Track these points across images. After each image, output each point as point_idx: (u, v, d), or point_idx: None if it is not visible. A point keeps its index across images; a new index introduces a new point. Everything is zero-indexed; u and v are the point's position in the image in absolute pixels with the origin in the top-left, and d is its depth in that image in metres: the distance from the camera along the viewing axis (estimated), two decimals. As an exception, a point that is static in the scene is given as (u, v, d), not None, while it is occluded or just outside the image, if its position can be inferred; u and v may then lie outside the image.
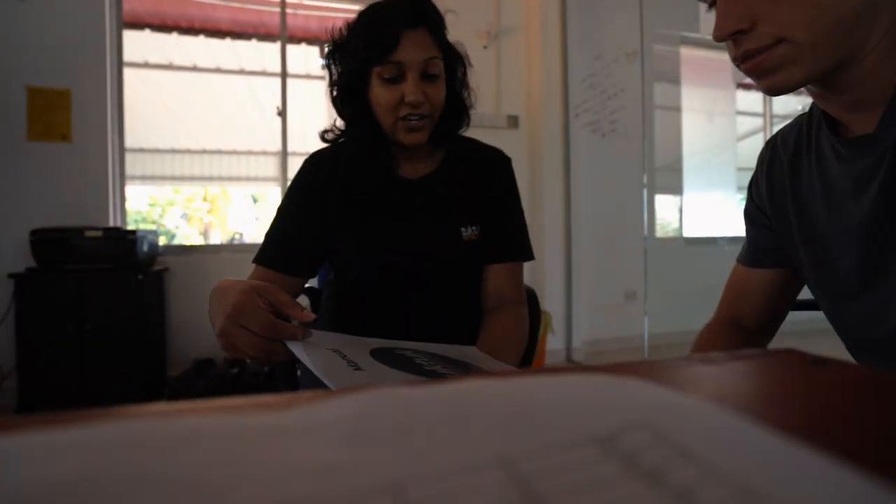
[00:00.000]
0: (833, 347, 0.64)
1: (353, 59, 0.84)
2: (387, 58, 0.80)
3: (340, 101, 0.89)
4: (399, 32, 0.80)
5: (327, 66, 0.91)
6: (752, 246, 0.73)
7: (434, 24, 0.84)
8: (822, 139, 0.60)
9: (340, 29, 0.89)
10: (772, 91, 0.52)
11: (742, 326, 0.74)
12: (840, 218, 0.58)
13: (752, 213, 0.73)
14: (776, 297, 0.73)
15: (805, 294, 0.75)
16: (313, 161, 0.93)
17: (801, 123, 0.65)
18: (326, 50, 0.91)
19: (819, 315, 0.68)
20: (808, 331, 1.16)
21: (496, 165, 0.96)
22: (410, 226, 0.89)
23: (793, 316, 0.80)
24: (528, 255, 0.96)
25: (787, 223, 0.66)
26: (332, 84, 0.90)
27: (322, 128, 0.96)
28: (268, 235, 0.90)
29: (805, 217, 0.63)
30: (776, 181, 0.68)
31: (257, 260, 0.88)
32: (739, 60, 0.52)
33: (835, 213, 0.59)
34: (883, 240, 0.54)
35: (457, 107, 0.92)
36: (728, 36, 0.51)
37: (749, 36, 0.50)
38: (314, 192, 0.89)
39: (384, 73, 0.81)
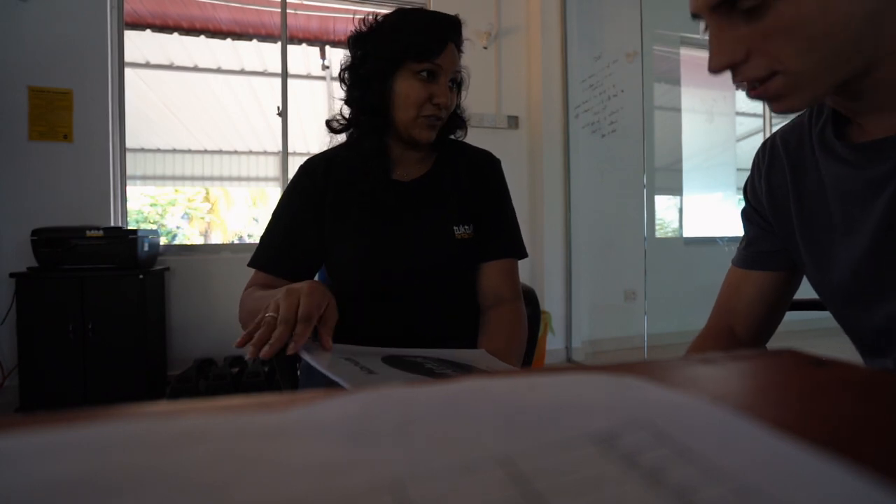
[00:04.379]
0: (833, 347, 0.64)
1: (391, 49, 0.86)
2: (431, 58, 0.86)
3: (359, 84, 0.90)
4: (445, 39, 0.87)
5: (350, 49, 0.92)
6: (750, 248, 0.72)
7: (460, 44, 0.92)
8: (827, 140, 0.59)
9: (375, 18, 0.91)
10: (781, 112, 0.51)
11: (735, 335, 0.73)
12: (849, 221, 0.57)
13: (749, 215, 0.73)
14: (771, 301, 0.71)
15: (804, 293, 0.74)
16: (306, 168, 0.95)
17: (803, 123, 0.64)
18: (354, 34, 0.92)
19: (819, 315, 0.68)
20: (807, 331, 1.16)
21: (486, 166, 0.98)
22: (404, 226, 0.90)
23: (793, 316, 0.79)
24: (522, 253, 0.97)
25: (788, 225, 0.65)
26: (350, 67, 0.91)
27: (326, 118, 0.97)
28: (262, 240, 0.93)
29: (808, 219, 0.62)
30: (776, 183, 0.67)
31: (253, 264, 0.91)
32: (741, 87, 0.51)
33: (842, 215, 0.58)
34: (894, 244, 0.53)
35: (456, 119, 0.97)
36: (722, 70, 0.50)
37: (744, 67, 0.49)
38: (308, 198, 0.92)
39: (421, 70, 0.86)
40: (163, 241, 2.90)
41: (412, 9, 0.92)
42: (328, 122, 0.96)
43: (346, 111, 0.94)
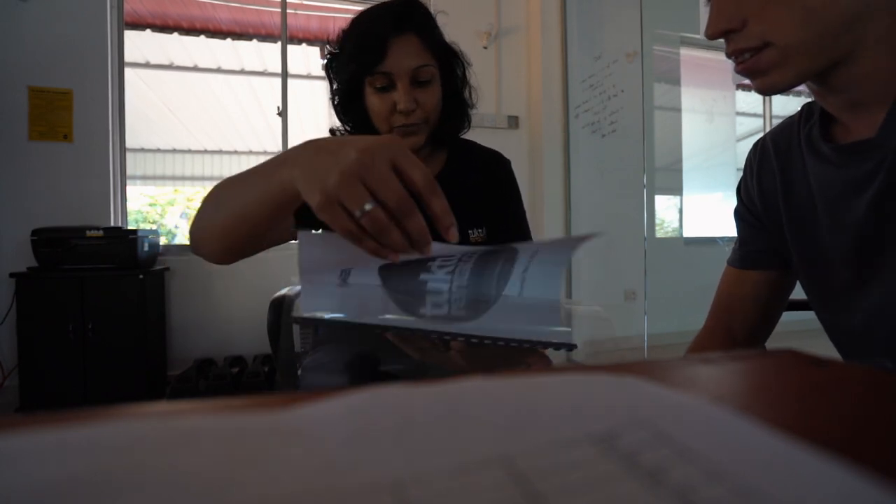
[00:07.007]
0: (832, 347, 0.64)
1: (346, 70, 0.84)
2: (375, 68, 0.79)
3: (342, 110, 0.90)
4: (386, 41, 0.78)
5: (327, 76, 0.92)
6: (745, 248, 0.73)
7: (423, 27, 0.82)
8: (814, 141, 0.60)
9: (336, 38, 0.89)
10: (764, 91, 0.53)
11: (733, 335, 0.73)
12: (833, 220, 0.58)
13: (742, 215, 0.73)
14: (768, 301, 0.72)
15: (804, 294, 0.74)
16: None
17: (793, 124, 0.65)
18: (325, 60, 0.92)
19: (818, 315, 0.68)
20: (806, 331, 1.16)
21: (497, 167, 0.97)
22: None
23: (792, 316, 0.79)
24: None
25: (779, 225, 0.66)
26: (332, 93, 0.91)
27: (329, 126, 0.96)
28: None
29: (797, 219, 0.63)
30: (766, 183, 0.68)
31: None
32: (731, 57, 0.53)
33: (828, 215, 0.59)
34: (877, 243, 0.54)
35: (457, 107, 0.91)
36: (718, 34, 0.52)
37: (739, 35, 0.51)
38: None
39: (375, 83, 0.81)
40: (163, 240, 2.90)
41: (360, 13, 0.84)
42: (331, 132, 0.95)
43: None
